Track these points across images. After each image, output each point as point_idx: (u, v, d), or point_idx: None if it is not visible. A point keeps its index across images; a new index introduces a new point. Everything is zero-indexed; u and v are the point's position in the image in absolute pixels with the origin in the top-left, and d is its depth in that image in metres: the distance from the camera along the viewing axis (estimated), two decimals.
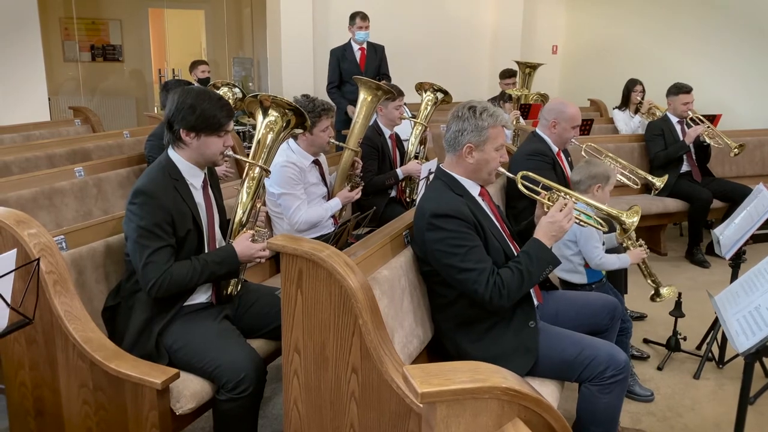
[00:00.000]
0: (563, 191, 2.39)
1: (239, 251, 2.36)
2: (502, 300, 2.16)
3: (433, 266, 2.29)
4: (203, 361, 2.19)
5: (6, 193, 3.19)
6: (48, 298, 2.15)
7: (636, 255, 2.98)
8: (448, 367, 1.26)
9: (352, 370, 1.93)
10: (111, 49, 9.40)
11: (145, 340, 2.27)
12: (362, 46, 5.82)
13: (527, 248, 2.25)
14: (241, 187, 2.48)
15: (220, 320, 2.36)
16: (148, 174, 2.31)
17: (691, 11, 7.42)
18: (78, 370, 2.19)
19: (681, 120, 5.19)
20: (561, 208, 2.27)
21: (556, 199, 2.37)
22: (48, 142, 4.59)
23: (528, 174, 2.45)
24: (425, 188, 2.40)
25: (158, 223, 2.21)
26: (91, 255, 2.39)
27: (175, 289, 2.25)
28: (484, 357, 2.26)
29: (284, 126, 2.51)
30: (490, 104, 2.38)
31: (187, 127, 2.29)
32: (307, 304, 1.96)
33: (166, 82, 3.97)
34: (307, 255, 1.91)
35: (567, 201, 2.30)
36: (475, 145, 2.30)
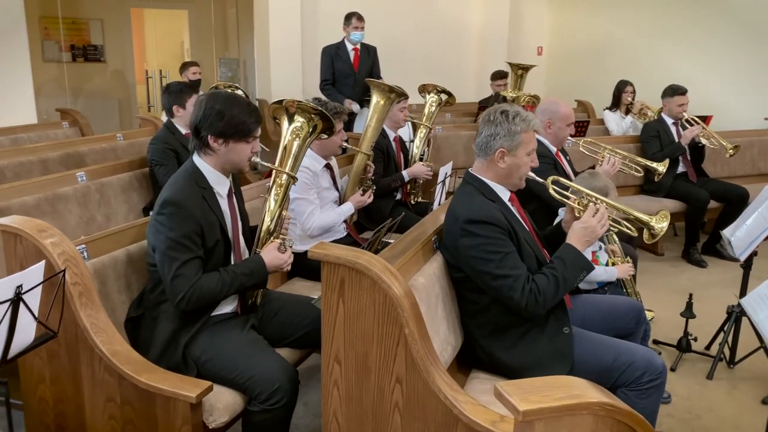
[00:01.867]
0: (593, 196, 2.38)
1: (268, 261, 2.31)
2: (538, 307, 2.15)
3: (466, 272, 2.26)
4: (234, 372, 2.14)
5: (9, 200, 3.09)
6: (73, 310, 2.08)
7: (624, 270, 2.99)
8: (540, 382, 1.23)
9: (396, 381, 1.89)
10: (92, 49, 9.21)
11: (171, 352, 2.21)
12: (356, 47, 5.78)
13: (561, 254, 2.23)
14: (269, 195, 2.43)
15: (247, 330, 2.31)
16: (175, 183, 2.24)
17: (678, 12, 7.50)
18: (104, 384, 2.12)
19: (676, 121, 5.24)
20: (594, 213, 2.25)
21: (586, 204, 2.36)
22: (41, 146, 4.47)
23: (558, 179, 2.43)
24: (457, 193, 2.37)
25: (188, 234, 2.15)
26: (113, 264, 2.32)
27: (204, 302, 2.19)
28: (519, 364, 2.25)
29: (310, 131, 2.46)
30: (521, 108, 2.35)
31: (215, 133, 2.23)
32: (349, 314, 1.91)
33: (168, 85, 3.89)
34: (350, 263, 1.86)
35: (599, 206, 2.29)
36: (508, 150, 2.28)
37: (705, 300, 4.06)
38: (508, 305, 2.18)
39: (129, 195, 3.79)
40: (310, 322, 2.46)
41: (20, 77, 5.79)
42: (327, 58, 5.75)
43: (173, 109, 3.81)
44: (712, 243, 5.16)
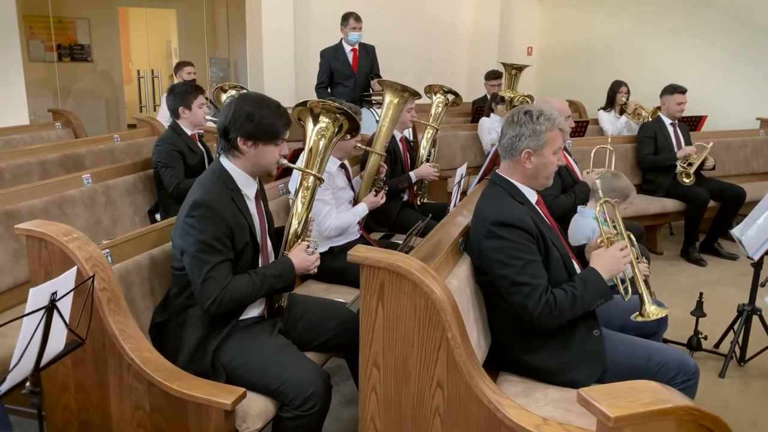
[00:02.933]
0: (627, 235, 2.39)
1: (296, 263, 2.28)
2: (551, 319, 2.13)
3: (489, 275, 2.25)
4: (266, 378, 2.10)
5: (17, 203, 3.02)
6: (101, 316, 2.03)
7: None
8: (624, 387, 1.22)
9: (437, 385, 1.87)
10: (79, 48, 9.08)
11: (200, 358, 2.17)
12: (354, 47, 5.75)
13: (584, 275, 2.23)
14: (296, 198, 2.40)
15: (276, 335, 2.27)
16: (203, 184, 2.20)
17: (670, 12, 7.55)
18: (133, 391, 2.07)
19: (674, 122, 5.28)
20: (622, 248, 2.26)
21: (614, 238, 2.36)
22: (40, 148, 4.39)
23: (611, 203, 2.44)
24: (484, 194, 2.35)
25: (218, 236, 2.11)
26: (137, 269, 2.27)
27: (234, 305, 2.16)
28: (550, 368, 2.25)
29: (336, 131, 2.43)
30: (545, 107, 2.35)
31: (244, 135, 2.19)
32: (388, 318, 1.89)
33: (173, 86, 3.83)
34: (391, 267, 1.84)
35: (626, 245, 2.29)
36: (534, 150, 2.27)
37: (708, 298, 4.08)
38: (521, 312, 2.16)
39: (134, 197, 3.73)
40: (336, 325, 2.44)
41: (12, 77, 5.68)
42: (324, 60, 5.72)
43: (179, 111, 3.75)
44: (709, 242, 5.21)
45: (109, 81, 9.43)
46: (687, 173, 5.01)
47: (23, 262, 2.95)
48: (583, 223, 3.14)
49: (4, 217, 2.91)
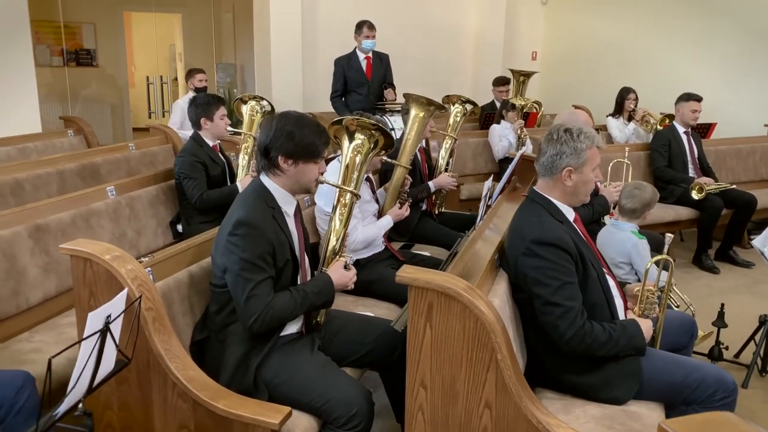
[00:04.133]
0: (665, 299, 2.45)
1: (335, 280, 2.30)
2: (581, 345, 2.15)
3: (526, 293, 2.26)
4: (310, 396, 2.11)
5: (46, 216, 3.03)
6: (147, 336, 2.04)
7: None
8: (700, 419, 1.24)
9: (485, 405, 1.89)
10: (85, 53, 9.07)
11: (242, 376, 2.18)
12: (368, 55, 5.76)
13: (626, 323, 2.26)
14: (334, 214, 2.41)
15: (316, 352, 2.29)
16: (246, 203, 2.22)
17: (676, 18, 7.57)
18: (178, 410, 2.08)
19: (687, 130, 5.31)
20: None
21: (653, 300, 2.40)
22: (57, 158, 4.39)
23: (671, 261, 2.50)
24: (522, 211, 2.37)
25: (261, 254, 2.13)
26: (177, 287, 2.28)
27: (277, 322, 2.17)
28: (588, 384, 2.26)
29: (372, 147, 2.45)
30: (583, 125, 2.37)
31: (285, 153, 2.21)
32: (436, 338, 1.90)
33: (194, 97, 3.83)
34: (440, 288, 1.86)
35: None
36: (575, 168, 2.29)
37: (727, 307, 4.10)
38: (551, 332, 2.18)
39: (157, 208, 3.73)
40: (372, 340, 2.46)
41: (24, 84, 5.67)
42: (338, 69, 5.73)
43: (201, 122, 3.75)
44: (725, 249, 5.24)
45: (114, 86, 9.42)
46: (699, 190, 5.01)
47: (53, 276, 2.96)
48: (621, 237, 3.16)
49: (34, 231, 2.92)
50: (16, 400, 2.02)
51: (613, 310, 2.33)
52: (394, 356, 2.47)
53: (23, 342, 2.65)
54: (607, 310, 2.30)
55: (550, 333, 2.17)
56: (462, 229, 4.15)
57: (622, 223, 3.24)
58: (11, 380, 2.04)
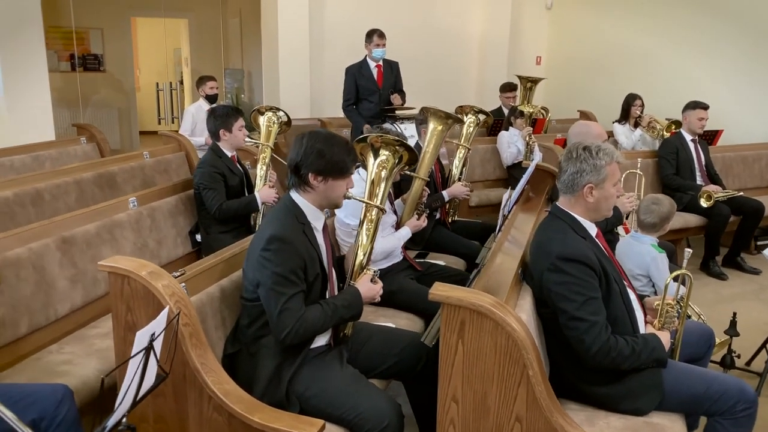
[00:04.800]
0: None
1: (363, 293, 2.36)
2: (606, 359, 2.20)
3: (551, 308, 2.31)
4: (342, 408, 2.17)
5: (71, 229, 3.08)
6: (184, 351, 2.09)
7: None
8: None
9: (516, 419, 1.94)
10: (92, 58, 9.12)
11: (274, 389, 2.23)
12: (378, 63, 5.82)
13: (648, 336, 2.32)
14: (360, 229, 2.47)
15: (345, 364, 2.34)
16: (278, 218, 2.28)
17: (682, 24, 7.59)
18: (213, 423, 2.13)
19: (694, 138, 5.37)
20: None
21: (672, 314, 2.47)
22: (74, 168, 4.45)
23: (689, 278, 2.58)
24: (545, 227, 2.42)
25: (293, 269, 2.19)
26: (209, 301, 2.34)
27: (309, 335, 2.23)
28: (611, 395, 2.31)
29: (396, 162, 2.51)
30: (601, 142, 2.43)
31: (315, 171, 2.27)
32: (468, 354, 1.96)
33: (213, 108, 3.89)
34: (473, 306, 1.91)
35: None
36: (595, 185, 2.35)
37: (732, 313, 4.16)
38: (576, 347, 2.23)
39: (176, 219, 3.79)
40: (398, 352, 2.51)
41: (38, 92, 5.72)
42: (350, 78, 5.78)
43: (219, 133, 3.81)
44: (732, 256, 5.30)
45: (121, 90, 9.47)
46: (707, 198, 5.07)
47: (80, 288, 3.02)
48: (641, 250, 3.22)
49: (61, 243, 2.97)
50: (56, 413, 2.07)
51: (635, 323, 2.38)
52: (419, 367, 2.53)
53: (54, 354, 2.70)
54: (629, 324, 2.36)
55: (576, 347, 2.22)
56: (475, 238, 4.21)
57: (642, 235, 3.29)
58: (51, 393, 2.10)
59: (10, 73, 5.42)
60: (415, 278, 3.38)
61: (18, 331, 2.67)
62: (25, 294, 2.73)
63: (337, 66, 7.77)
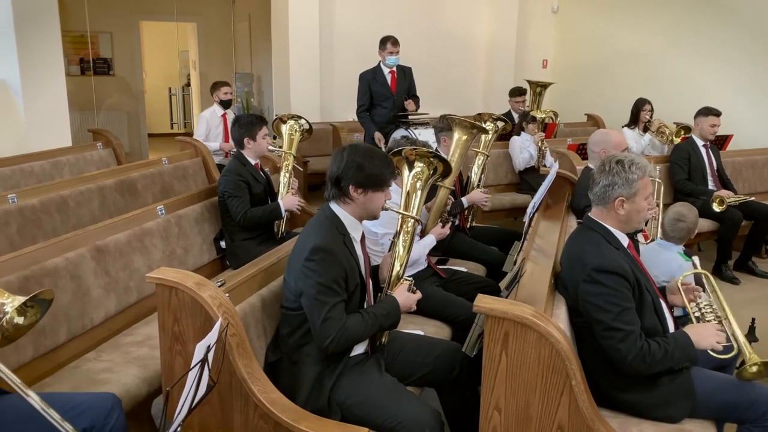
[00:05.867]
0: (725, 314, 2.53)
1: (401, 302, 2.41)
2: (643, 365, 2.25)
3: (585, 317, 2.36)
4: (384, 416, 2.22)
5: (104, 238, 3.13)
6: (231, 360, 2.14)
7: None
8: None
9: (557, 428, 2.00)
10: (101, 62, 9.16)
11: (316, 396, 2.29)
12: (392, 69, 5.87)
13: (677, 335, 2.37)
14: (397, 240, 2.52)
15: (384, 373, 2.39)
16: (319, 229, 2.33)
17: (689, 27, 7.64)
18: (258, 431, 2.18)
19: (706, 143, 5.43)
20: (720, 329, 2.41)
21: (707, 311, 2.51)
22: (97, 174, 4.51)
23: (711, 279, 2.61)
24: (579, 238, 2.47)
25: (335, 279, 2.24)
26: (252, 311, 2.39)
27: (351, 343, 2.29)
28: (644, 403, 2.36)
29: (431, 174, 2.56)
30: (634, 156, 2.48)
31: (355, 183, 2.32)
32: (512, 365, 2.01)
33: (238, 117, 3.93)
34: (517, 318, 1.96)
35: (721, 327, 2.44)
36: (627, 198, 2.40)
37: (747, 317, 4.20)
38: (613, 356, 2.28)
39: (202, 226, 3.84)
40: (433, 360, 2.56)
41: (55, 96, 5.77)
42: (364, 83, 5.83)
43: (244, 141, 3.86)
44: (744, 260, 5.36)
45: (130, 94, 9.51)
46: (719, 203, 5.13)
47: (113, 296, 3.06)
48: (668, 258, 3.27)
49: (95, 253, 3.02)
50: (106, 421, 2.11)
51: (666, 331, 2.44)
52: (454, 375, 2.58)
53: (92, 361, 2.75)
54: (661, 333, 2.41)
55: (613, 356, 2.27)
56: (493, 244, 4.26)
57: (669, 243, 3.35)
58: (101, 402, 2.14)
59: (29, 79, 5.46)
60: (440, 285, 3.43)
61: (57, 339, 2.71)
62: (63, 303, 2.77)
63: (346, 71, 7.86)
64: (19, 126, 5.51)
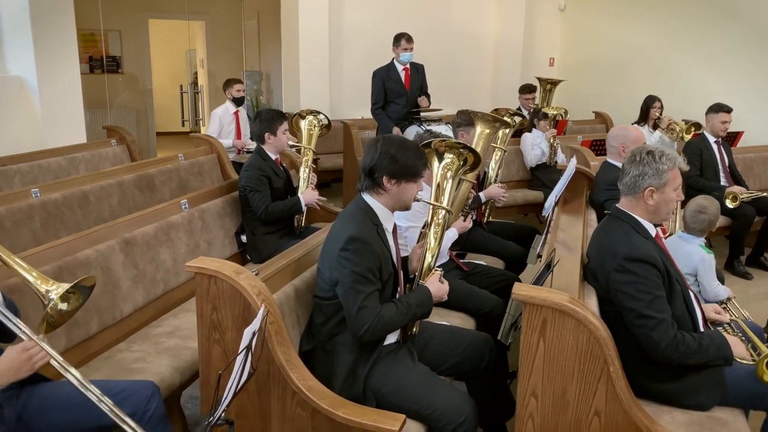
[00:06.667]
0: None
1: (433, 292, 2.44)
2: (674, 354, 2.28)
3: (616, 306, 2.39)
4: (419, 404, 2.25)
5: (132, 230, 3.16)
6: (270, 348, 2.17)
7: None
8: None
9: (594, 413, 2.03)
10: (111, 60, 9.18)
11: (350, 384, 2.31)
12: (406, 67, 5.90)
13: (712, 333, 2.42)
14: (429, 231, 2.55)
15: (417, 362, 2.42)
16: (354, 219, 2.36)
17: (695, 22, 7.67)
18: (296, 418, 2.21)
19: (718, 140, 5.46)
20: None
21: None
22: (116, 170, 4.54)
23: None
24: (608, 228, 2.50)
25: (370, 268, 2.27)
26: (286, 300, 2.42)
27: (385, 332, 2.32)
28: (675, 391, 2.39)
29: (461, 164, 2.59)
30: (664, 148, 2.51)
31: (389, 174, 2.35)
32: (549, 352, 2.04)
33: (259, 112, 3.96)
34: (556, 306, 1.99)
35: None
36: (656, 188, 2.43)
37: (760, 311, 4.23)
38: (645, 344, 2.31)
39: (224, 220, 3.87)
40: (462, 350, 2.60)
41: (70, 93, 5.78)
42: (378, 81, 5.85)
43: (264, 136, 3.88)
44: (756, 255, 5.39)
45: (138, 92, 9.53)
46: (732, 199, 5.16)
47: (141, 288, 3.09)
48: (689, 250, 3.30)
49: (124, 245, 3.05)
50: (146, 408, 2.14)
51: (695, 321, 2.47)
52: (483, 365, 2.61)
53: (124, 352, 2.78)
54: (690, 322, 2.44)
55: (645, 344, 2.30)
56: (510, 239, 4.29)
57: (690, 236, 3.37)
58: (141, 390, 2.17)
59: (45, 75, 5.48)
60: (462, 278, 3.45)
61: (89, 330, 2.75)
62: (95, 294, 2.76)
63: (355, 69, 7.89)
64: (35, 122, 5.53)
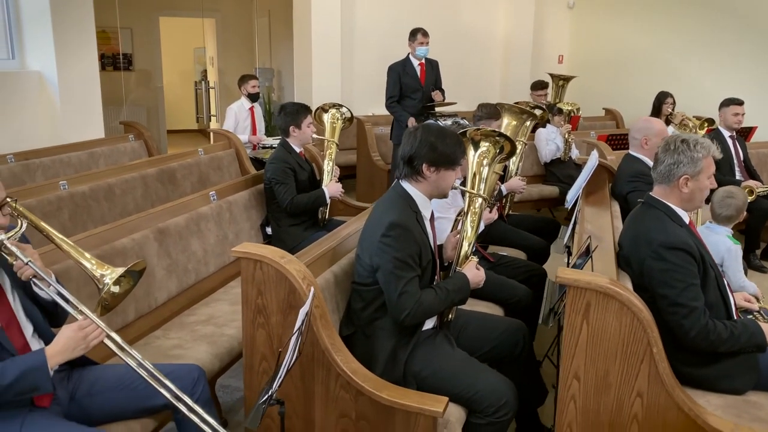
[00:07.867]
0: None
1: (470, 278, 2.47)
2: (704, 343, 2.31)
3: (650, 293, 2.42)
4: (459, 386, 2.28)
5: (165, 221, 3.20)
6: (315, 331, 2.21)
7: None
8: None
9: (636, 395, 2.06)
10: (123, 57, 9.23)
11: (391, 368, 2.35)
12: (421, 62, 5.94)
13: (746, 321, 2.44)
14: (465, 219, 2.58)
15: (455, 347, 2.46)
16: (394, 206, 2.39)
17: (704, 19, 7.70)
18: (340, 401, 2.25)
19: (732, 134, 5.50)
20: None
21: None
22: (139, 163, 4.60)
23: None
24: (642, 216, 2.53)
25: (411, 254, 2.31)
26: (327, 286, 2.45)
27: (424, 317, 2.35)
28: (709, 376, 2.42)
29: (498, 152, 2.62)
30: (698, 136, 2.54)
31: (428, 162, 2.39)
32: (592, 334, 2.07)
33: (284, 105, 3.99)
34: (601, 289, 2.03)
35: None
36: (691, 176, 2.46)
37: None
38: (676, 331, 2.34)
39: (250, 212, 3.90)
40: (496, 337, 2.64)
41: (89, 89, 5.83)
42: (394, 75, 5.89)
43: (289, 129, 3.92)
44: None
45: (150, 89, 9.58)
46: (749, 193, 5.19)
47: (174, 277, 3.13)
48: (716, 240, 3.33)
49: (158, 235, 3.08)
50: (193, 391, 2.18)
51: (729, 308, 2.50)
52: (516, 352, 2.65)
53: (161, 339, 2.81)
54: (723, 308, 2.47)
55: (676, 331, 2.33)
56: (530, 230, 4.32)
57: (717, 226, 3.41)
58: (188, 373, 2.21)
59: (64, 71, 5.53)
60: (490, 269, 3.48)
61: (127, 318, 2.78)
62: None
63: (366, 65, 7.92)
64: (54, 117, 5.57)
